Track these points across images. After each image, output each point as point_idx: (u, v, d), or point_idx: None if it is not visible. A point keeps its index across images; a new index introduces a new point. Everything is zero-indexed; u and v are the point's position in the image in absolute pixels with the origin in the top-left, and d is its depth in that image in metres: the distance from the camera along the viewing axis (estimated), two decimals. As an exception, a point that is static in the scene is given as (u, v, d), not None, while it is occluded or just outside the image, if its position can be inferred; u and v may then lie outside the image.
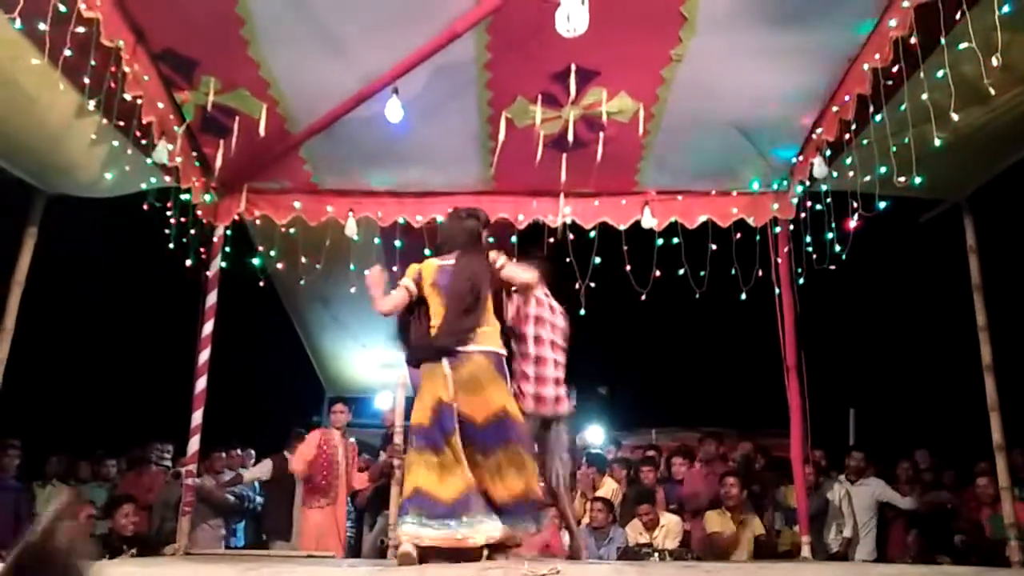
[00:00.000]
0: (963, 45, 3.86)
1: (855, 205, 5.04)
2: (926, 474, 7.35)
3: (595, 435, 9.28)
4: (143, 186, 5.51)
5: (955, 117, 4.09)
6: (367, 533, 7.14)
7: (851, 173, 5.08)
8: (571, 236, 5.90)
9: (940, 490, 7.14)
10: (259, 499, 7.47)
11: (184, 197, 5.61)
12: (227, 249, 6.05)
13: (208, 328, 5.84)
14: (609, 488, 6.75)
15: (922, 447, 7.73)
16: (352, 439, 6.92)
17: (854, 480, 6.84)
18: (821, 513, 6.62)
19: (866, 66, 4.45)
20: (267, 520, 7.11)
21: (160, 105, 4.94)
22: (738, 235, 5.91)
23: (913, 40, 4.04)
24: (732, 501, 6.04)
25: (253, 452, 7.93)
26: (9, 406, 5.00)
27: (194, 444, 5.72)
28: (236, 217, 6.01)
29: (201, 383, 5.77)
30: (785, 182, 5.89)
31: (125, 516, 5.61)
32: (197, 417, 5.73)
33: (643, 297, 5.82)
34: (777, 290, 5.86)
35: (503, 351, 4.16)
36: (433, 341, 4.10)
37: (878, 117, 4.60)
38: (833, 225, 5.35)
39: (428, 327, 4.17)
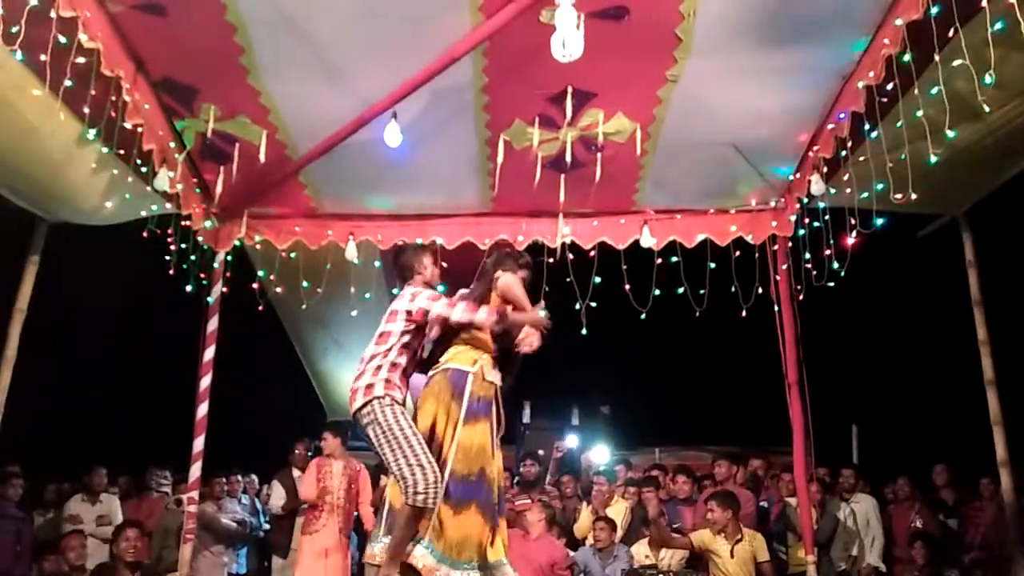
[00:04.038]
0: (956, 62, 3.89)
1: (853, 221, 5.06)
2: (943, 491, 7.25)
3: (600, 455, 9.24)
4: (144, 213, 5.54)
5: (950, 133, 4.12)
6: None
7: (848, 190, 5.10)
8: (571, 256, 5.92)
9: (943, 508, 7.10)
10: (265, 525, 7.45)
11: (185, 223, 5.64)
12: (228, 274, 6.07)
13: (209, 354, 5.86)
14: (620, 509, 6.72)
15: (927, 463, 7.67)
16: (361, 465, 6.76)
17: (847, 498, 6.81)
18: (832, 534, 6.58)
19: (861, 84, 4.48)
20: (271, 535, 7.17)
21: (160, 133, 4.98)
22: (737, 253, 5.93)
23: (907, 57, 4.08)
24: (718, 525, 5.95)
25: (255, 478, 7.90)
26: (11, 434, 4.99)
27: (196, 470, 5.72)
28: (237, 242, 6.05)
29: (202, 409, 5.77)
30: (783, 199, 5.92)
31: (127, 540, 5.56)
32: (199, 443, 5.74)
33: (643, 316, 5.83)
34: (777, 307, 5.87)
35: (466, 367, 3.88)
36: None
37: (874, 134, 4.63)
38: (831, 242, 5.37)
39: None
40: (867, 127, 4.61)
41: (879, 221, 4.95)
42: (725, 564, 5.85)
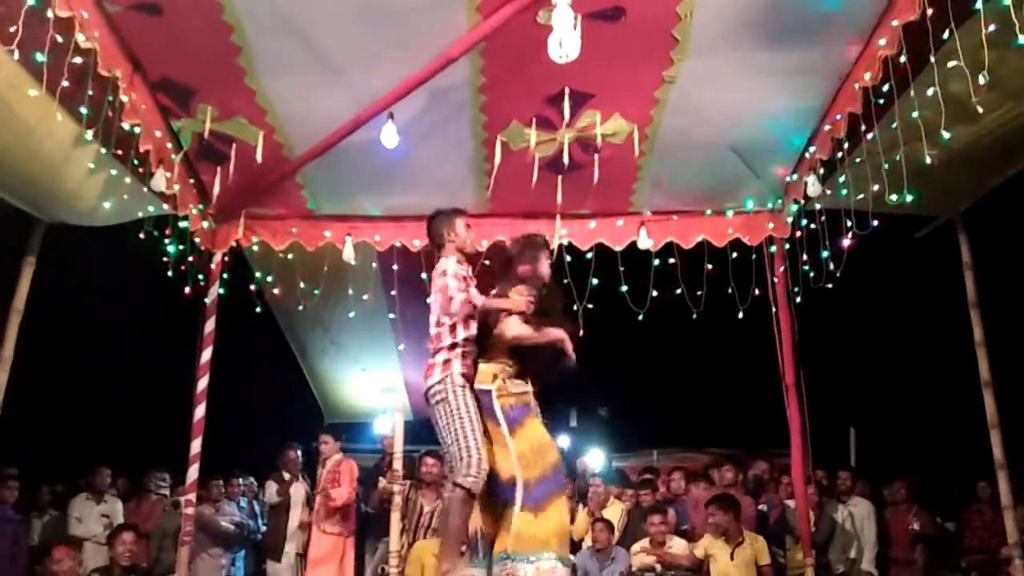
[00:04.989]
0: (952, 63, 3.89)
1: (849, 223, 5.06)
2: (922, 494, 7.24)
3: (595, 459, 9.24)
4: (141, 214, 5.53)
5: (946, 135, 4.12)
6: (368, 560, 7.10)
7: (845, 191, 5.10)
8: (568, 258, 5.92)
9: (939, 511, 7.11)
10: (263, 527, 7.47)
11: (182, 224, 5.63)
12: (225, 276, 6.06)
13: (206, 355, 5.84)
14: (616, 510, 6.74)
15: (921, 466, 7.68)
16: (349, 460, 6.87)
17: (844, 500, 6.81)
18: (830, 536, 6.58)
19: (857, 85, 4.48)
20: (265, 539, 7.27)
21: (157, 133, 4.97)
22: (734, 254, 5.93)
23: (902, 59, 4.08)
24: (719, 528, 5.97)
25: (253, 480, 7.90)
26: (8, 436, 4.98)
27: (193, 472, 5.71)
28: (234, 243, 6.04)
29: (200, 411, 5.76)
30: (780, 201, 5.92)
31: (123, 544, 5.55)
32: (196, 445, 5.72)
33: (640, 318, 5.82)
34: (774, 309, 5.86)
35: (487, 386, 3.97)
36: None
37: (870, 135, 4.63)
38: (828, 243, 5.37)
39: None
40: (863, 128, 4.61)
41: (875, 223, 4.96)
42: (726, 567, 5.86)
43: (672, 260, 5.92)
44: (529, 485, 3.80)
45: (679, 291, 5.85)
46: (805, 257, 5.62)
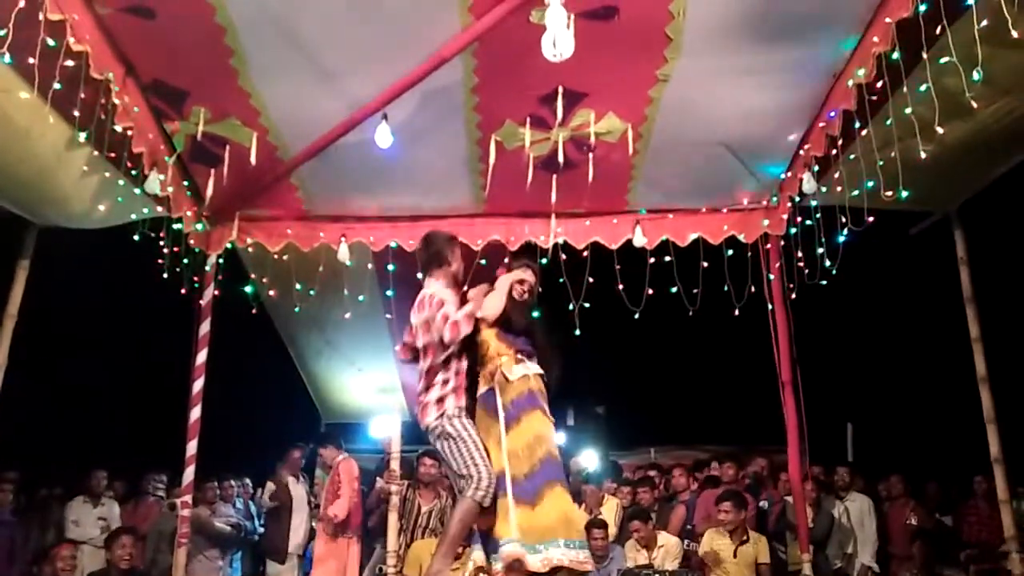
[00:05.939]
0: (945, 59, 3.89)
1: (844, 219, 5.06)
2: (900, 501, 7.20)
3: (589, 459, 9.22)
4: (135, 216, 5.51)
5: (940, 130, 4.12)
6: (366, 560, 7.09)
7: (840, 188, 5.10)
8: (563, 257, 5.91)
9: (936, 506, 7.13)
10: (260, 529, 7.46)
11: (176, 226, 5.62)
12: (220, 277, 6.05)
13: (202, 357, 5.83)
14: (611, 506, 6.74)
15: (918, 462, 7.70)
16: (344, 458, 6.88)
17: (842, 496, 6.83)
18: (828, 532, 6.59)
19: (851, 82, 4.48)
20: (266, 540, 7.23)
21: (150, 136, 4.96)
22: (730, 252, 5.93)
23: (896, 55, 4.08)
24: (729, 526, 6.00)
25: (249, 481, 7.88)
26: (4, 439, 4.97)
27: (189, 474, 5.69)
28: (228, 245, 6.02)
29: (195, 412, 5.75)
30: (775, 198, 5.92)
31: (122, 548, 5.55)
32: (192, 447, 5.71)
33: (636, 316, 5.82)
34: (770, 306, 5.87)
35: (488, 386, 4.17)
36: None
37: (864, 132, 4.63)
38: (823, 240, 5.37)
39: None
40: (857, 125, 4.61)
41: (870, 219, 4.96)
42: (727, 564, 5.87)
43: (668, 258, 5.91)
44: (518, 480, 3.92)
45: (675, 289, 5.85)
46: (800, 254, 5.63)
